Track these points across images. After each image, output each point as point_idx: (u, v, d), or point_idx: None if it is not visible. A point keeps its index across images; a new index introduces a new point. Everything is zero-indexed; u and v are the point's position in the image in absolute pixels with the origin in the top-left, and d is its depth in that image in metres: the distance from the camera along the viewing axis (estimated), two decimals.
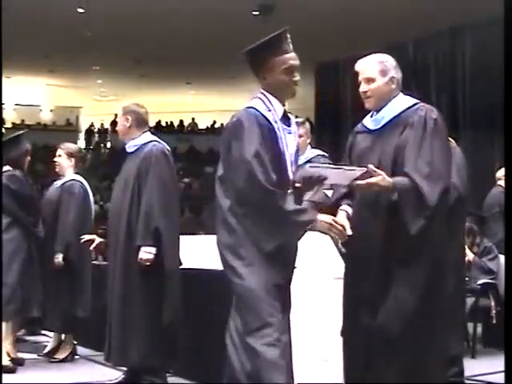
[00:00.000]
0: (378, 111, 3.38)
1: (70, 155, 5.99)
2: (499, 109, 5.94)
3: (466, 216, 4.90)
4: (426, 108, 3.32)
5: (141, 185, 4.51)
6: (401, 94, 3.42)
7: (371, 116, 3.42)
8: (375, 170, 3.12)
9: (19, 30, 14.07)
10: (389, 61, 3.42)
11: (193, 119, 26.55)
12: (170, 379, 4.73)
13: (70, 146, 6.09)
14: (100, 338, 5.00)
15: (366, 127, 3.43)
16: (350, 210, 3.31)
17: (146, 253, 4.39)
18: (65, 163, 5.98)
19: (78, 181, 5.95)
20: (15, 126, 23.12)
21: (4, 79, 17.00)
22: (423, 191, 3.11)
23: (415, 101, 3.38)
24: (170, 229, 4.48)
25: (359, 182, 3.13)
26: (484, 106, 10.85)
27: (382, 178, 3.12)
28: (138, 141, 4.71)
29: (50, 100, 25.30)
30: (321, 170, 3.18)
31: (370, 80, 3.37)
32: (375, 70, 3.37)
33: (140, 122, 4.75)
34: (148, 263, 4.39)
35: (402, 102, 3.36)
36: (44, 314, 5.78)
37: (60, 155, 6.00)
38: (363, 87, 3.38)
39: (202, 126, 26.82)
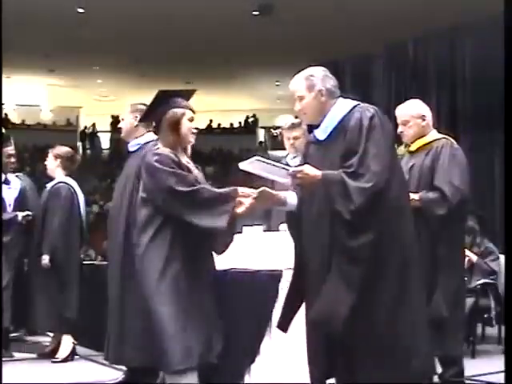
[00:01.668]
0: (321, 122, 3.41)
1: (56, 157, 6.04)
2: (499, 109, 5.93)
3: (467, 217, 4.89)
4: (362, 108, 3.32)
5: (140, 183, 4.50)
6: (340, 99, 3.42)
7: (317, 127, 3.45)
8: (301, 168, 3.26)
9: (19, 30, 14.07)
10: (315, 74, 3.43)
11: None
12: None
13: (59, 148, 6.16)
14: (100, 338, 5.00)
15: (316, 138, 3.47)
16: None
17: None
18: (51, 165, 6.05)
19: (66, 183, 5.98)
20: (15, 126, 23.13)
21: (4, 79, 17.00)
22: (347, 187, 3.13)
23: (353, 104, 3.38)
24: None
25: (290, 173, 3.25)
26: (484, 105, 10.84)
27: (308, 167, 3.24)
28: (141, 140, 4.72)
29: (50, 100, 25.28)
30: (258, 163, 3.32)
31: (300, 98, 3.42)
32: (302, 87, 3.41)
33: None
34: None
35: (341, 109, 3.37)
36: (39, 315, 5.85)
37: (48, 157, 6.09)
38: (296, 106, 3.45)
39: (201, 125, 26.84)
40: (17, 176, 6.34)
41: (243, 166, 3.40)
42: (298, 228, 3.45)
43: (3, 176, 5.98)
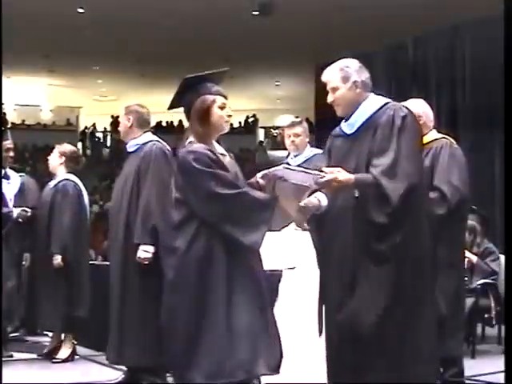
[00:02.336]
0: (351, 115, 3.40)
1: (62, 154, 6.03)
2: (499, 108, 5.93)
3: (467, 217, 4.89)
4: (395, 107, 3.31)
5: (140, 183, 4.52)
6: (371, 95, 3.41)
7: (346, 120, 3.43)
8: (332, 169, 3.17)
9: (19, 30, 14.07)
10: (350, 65, 3.41)
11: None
12: (170, 379, 4.73)
13: (65, 146, 6.14)
14: (100, 338, 5.00)
15: (342, 131, 3.45)
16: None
17: (144, 251, 4.38)
18: (55, 161, 6.03)
19: (72, 181, 5.96)
20: (15, 126, 23.15)
21: (4, 79, 17.00)
22: (384, 188, 3.10)
23: (385, 101, 3.37)
24: (169, 227, 4.47)
25: (320, 179, 3.16)
26: (484, 105, 10.84)
27: (340, 173, 3.15)
28: (139, 140, 4.73)
29: (50, 100, 25.31)
30: (282, 171, 3.25)
31: (334, 89, 3.39)
32: (337, 78, 3.38)
33: (141, 122, 4.76)
34: (146, 262, 4.38)
35: (372, 104, 3.36)
36: (43, 314, 5.84)
37: (52, 153, 6.09)
38: (329, 97, 3.41)
39: None
40: (21, 176, 6.34)
41: (278, 169, 3.33)
42: (319, 229, 3.43)
43: (2, 171, 5.97)
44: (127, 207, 4.52)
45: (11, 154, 6.14)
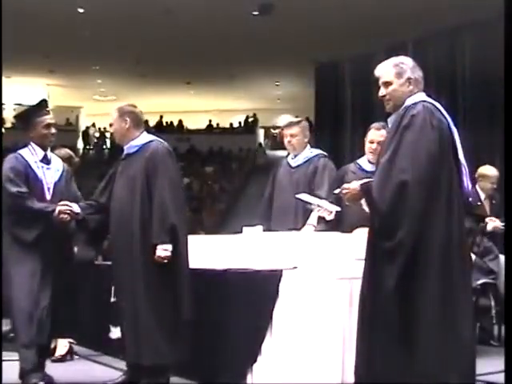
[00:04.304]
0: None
1: None
2: (499, 109, 5.94)
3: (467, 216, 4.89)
4: (414, 106, 3.32)
5: (150, 183, 4.45)
6: (418, 93, 3.43)
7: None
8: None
9: (19, 30, 14.08)
10: (405, 62, 3.46)
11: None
12: (170, 379, 4.73)
13: (59, 151, 6.10)
14: (100, 337, 5.00)
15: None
16: None
17: (164, 250, 4.35)
18: None
19: None
20: (15, 126, 23.14)
21: (4, 79, 17.02)
22: (373, 196, 3.23)
23: (419, 99, 3.38)
24: (183, 225, 4.47)
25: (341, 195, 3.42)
26: (484, 105, 10.85)
27: (351, 184, 3.38)
28: (139, 141, 4.66)
29: (50, 100, 25.27)
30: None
31: (387, 84, 3.43)
32: (391, 73, 3.43)
33: (137, 121, 4.70)
34: (166, 260, 4.36)
35: (409, 102, 3.39)
36: None
37: None
38: (381, 91, 3.45)
39: (201, 126, 26.87)
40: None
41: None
42: None
43: (41, 153, 5.00)
44: (140, 209, 4.46)
45: (53, 130, 4.99)
